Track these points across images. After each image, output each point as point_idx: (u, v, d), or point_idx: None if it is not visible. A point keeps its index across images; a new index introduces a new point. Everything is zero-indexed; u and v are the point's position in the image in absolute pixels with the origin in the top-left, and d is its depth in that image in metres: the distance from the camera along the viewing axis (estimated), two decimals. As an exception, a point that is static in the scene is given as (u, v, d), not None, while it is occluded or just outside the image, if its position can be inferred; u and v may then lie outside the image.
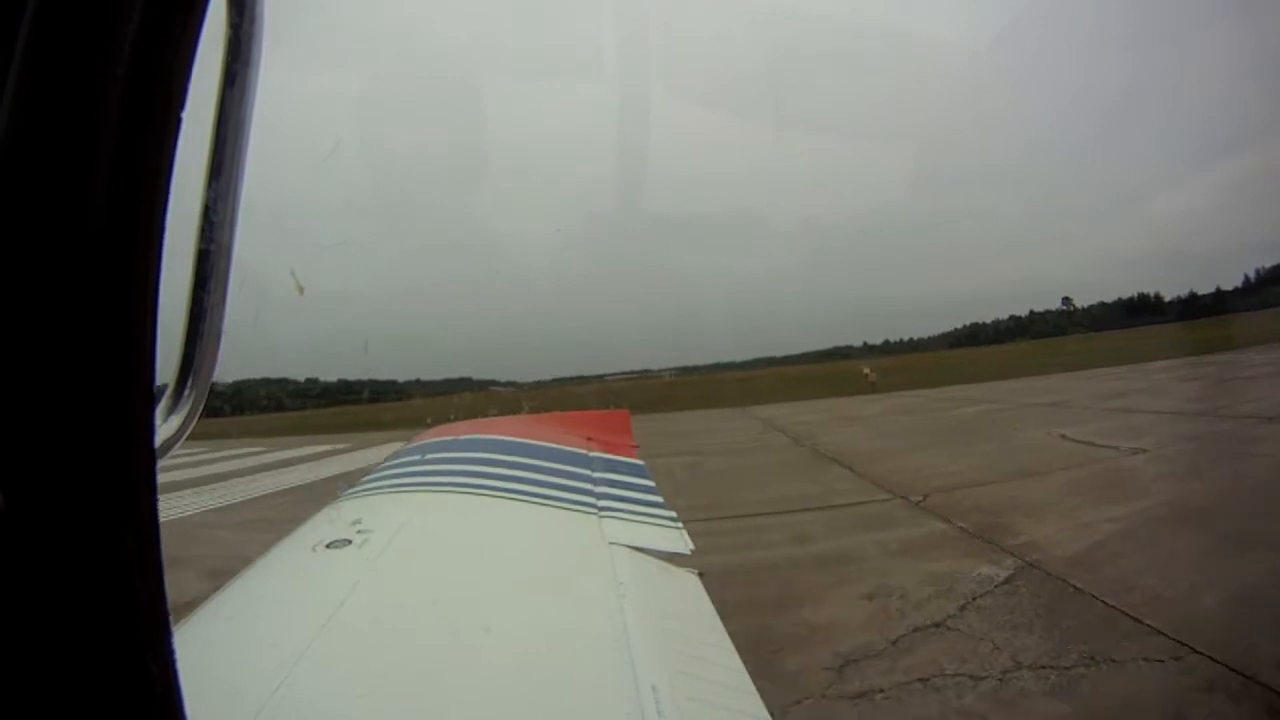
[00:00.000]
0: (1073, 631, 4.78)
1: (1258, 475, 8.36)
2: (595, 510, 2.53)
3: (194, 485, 15.07)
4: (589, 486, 2.78)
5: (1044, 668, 4.37)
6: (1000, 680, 4.28)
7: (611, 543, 2.22)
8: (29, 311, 0.41)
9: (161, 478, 0.50)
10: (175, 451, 0.78)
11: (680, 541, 2.42)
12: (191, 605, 1.64)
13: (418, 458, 3.06)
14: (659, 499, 2.87)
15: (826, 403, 28.92)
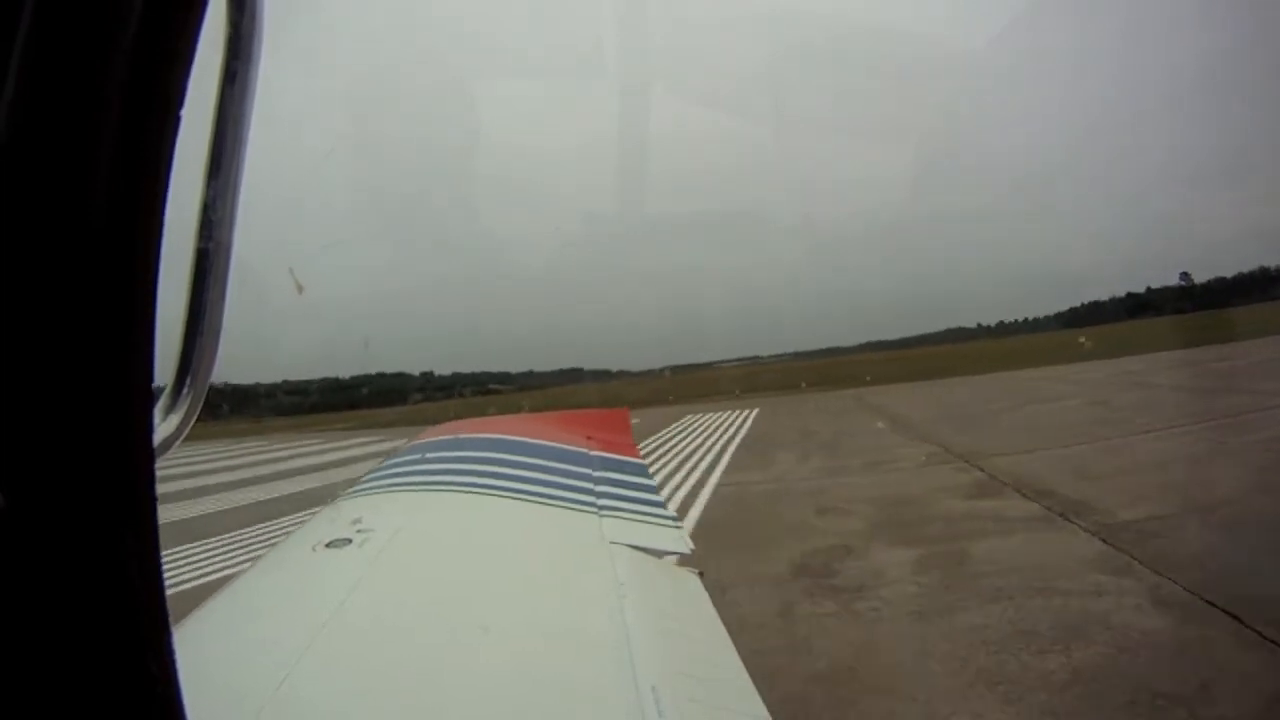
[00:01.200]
0: None
1: None
2: (596, 510, 2.53)
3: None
4: (589, 486, 2.78)
5: None
6: None
7: (612, 542, 2.21)
8: (28, 311, 0.41)
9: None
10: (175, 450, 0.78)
11: (680, 541, 2.42)
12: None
13: (418, 457, 3.06)
14: (659, 498, 2.87)
15: (1083, 366, 29.37)
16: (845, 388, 36.60)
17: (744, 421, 23.85)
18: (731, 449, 17.16)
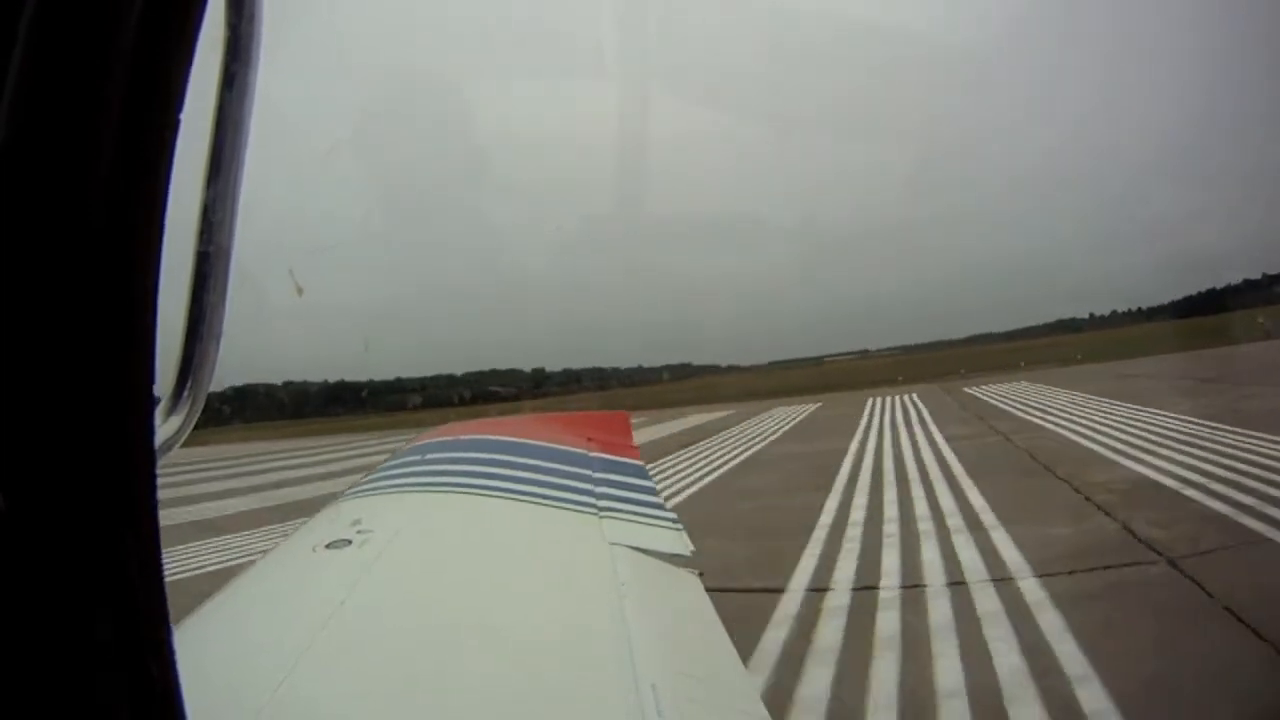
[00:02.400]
0: None
1: None
2: (595, 511, 2.52)
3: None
4: (589, 487, 2.78)
5: None
6: None
7: (612, 543, 2.21)
8: (29, 312, 0.41)
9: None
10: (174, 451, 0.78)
11: (680, 542, 2.42)
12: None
13: (418, 458, 3.06)
14: (659, 500, 2.87)
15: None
16: (1060, 366, 36.68)
17: (1069, 393, 23.64)
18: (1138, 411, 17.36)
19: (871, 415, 23.93)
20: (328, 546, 1.95)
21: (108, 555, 0.45)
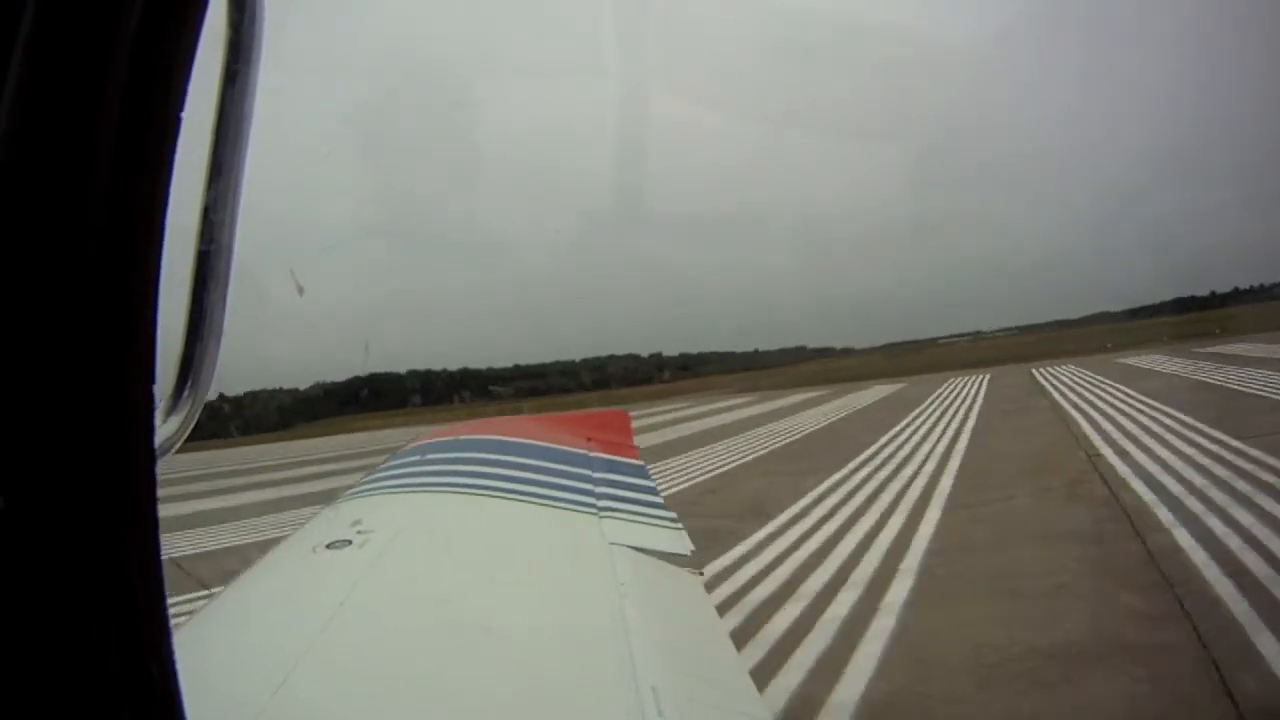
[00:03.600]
0: None
1: None
2: (596, 511, 2.52)
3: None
4: (589, 487, 2.78)
5: None
6: None
7: (612, 543, 2.21)
8: (29, 312, 0.41)
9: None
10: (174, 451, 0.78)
11: (681, 542, 2.42)
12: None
13: (418, 458, 3.06)
14: (659, 499, 2.87)
15: None
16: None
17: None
18: None
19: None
20: (328, 547, 1.95)
21: (108, 555, 0.45)
